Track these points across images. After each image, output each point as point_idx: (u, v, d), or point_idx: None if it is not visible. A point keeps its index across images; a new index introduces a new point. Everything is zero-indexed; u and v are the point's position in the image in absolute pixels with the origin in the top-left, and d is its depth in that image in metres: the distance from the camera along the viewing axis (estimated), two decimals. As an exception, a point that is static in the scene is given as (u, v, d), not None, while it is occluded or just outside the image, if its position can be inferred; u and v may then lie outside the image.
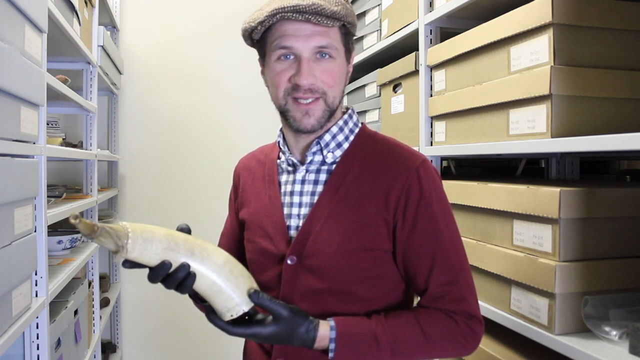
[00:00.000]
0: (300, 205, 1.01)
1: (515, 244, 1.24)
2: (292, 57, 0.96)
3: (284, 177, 1.06)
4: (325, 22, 0.93)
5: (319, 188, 1.01)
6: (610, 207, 1.14)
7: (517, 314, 1.23)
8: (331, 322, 0.93)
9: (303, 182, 1.03)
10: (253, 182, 1.11)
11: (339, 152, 1.03)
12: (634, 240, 1.17)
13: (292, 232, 1.01)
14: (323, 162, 1.03)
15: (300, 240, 0.98)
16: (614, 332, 1.05)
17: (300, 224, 1.00)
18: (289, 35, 0.95)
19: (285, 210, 1.02)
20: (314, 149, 1.02)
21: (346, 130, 1.04)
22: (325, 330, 0.91)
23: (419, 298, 1.02)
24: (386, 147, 1.03)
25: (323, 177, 1.02)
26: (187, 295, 0.94)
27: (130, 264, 0.85)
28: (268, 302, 0.89)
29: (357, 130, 1.06)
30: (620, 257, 1.16)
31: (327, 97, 0.97)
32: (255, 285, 0.92)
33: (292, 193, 1.03)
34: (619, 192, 1.15)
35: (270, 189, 1.06)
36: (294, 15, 0.92)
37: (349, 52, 1.01)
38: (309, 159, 1.02)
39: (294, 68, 0.96)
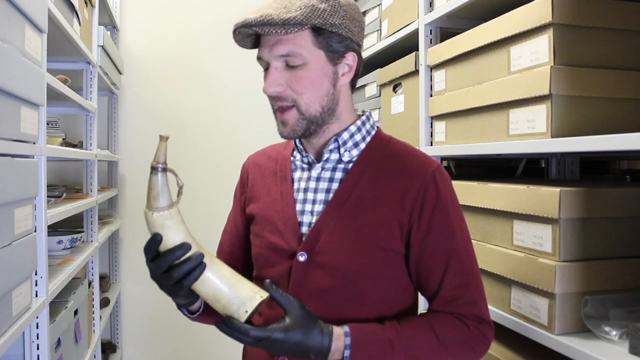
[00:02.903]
0: (314, 202, 1.02)
1: (515, 244, 1.24)
2: (267, 66, 0.98)
3: (297, 174, 1.06)
4: (277, 31, 0.91)
5: (334, 186, 1.01)
6: (610, 207, 1.15)
7: (517, 314, 1.23)
8: (345, 327, 0.92)
9: (318, 179, 1.03)
10: (263, 178, 1.11)
11: (355, 152, 1.03)
12: (634, 240, 1.17)
13: (304, 229, 1.00)
14: (339, 161, 1.03)
15: (313, 236, 0.98)
16: (614, 332, 1.05)
17: (313, 221, 1.00)
18: (261, 47, 0.98)
19: (298, 207, 1.03)
20: (332, 146, 1.02)
21: (363, 131, 1.05)
22: (339, 332, 0.91)
23: (428, 303, 1.03)
24: (402, 150, 1.04)
25: (339, 175, 1.02)
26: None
27: (161, 237, 0.85)
28: (279, 295, 0.89)
29: (373, 132, 1.07)
30: (620, 257, 1.16)
31: (299, 105, 0.97)
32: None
33: (306, 190, 1.03)
34: (619, 192, 1.15)
35: (282, 185, 1.06)
36: (244, 29, 0.94)
37: (333, 53, 0.97)
38: (325, 156, 1.03)
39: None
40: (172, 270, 0.86)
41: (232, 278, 0.89)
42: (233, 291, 0.88)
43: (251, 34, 0.98)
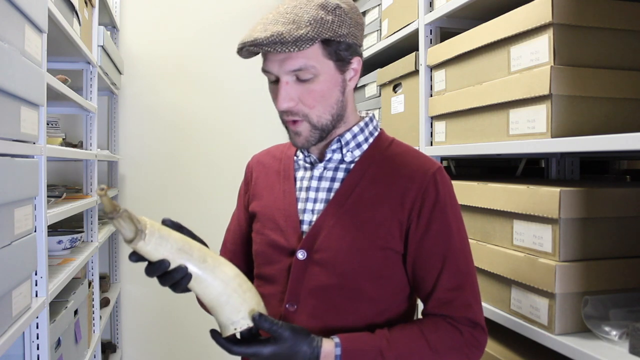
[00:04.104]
0: (315, 200, 1.02)
1: (515, 244, 1.24)
2: (275, 79, 0.97)
3: (300, 173, 1.07)
4: (290, 48, 0.90)
5: (336, 185, 1.02)
6: (610, 207, 1.14)
7: (517, 314, 1.23)
8: (335, 338, 0.92)
9: (320, 178, 1.03)
10: (266, 177, 1.11)
11: (357, 152, 1.04)
12: (634, 240, 1.17)
13: (305, 227, 1.01)
14: (341, 161, 1.04)
15: (313, 234, 0.99)
16: (614, 332, 1.05)
17: (314, 219, 1.00)
18: (267, 60, 0.96)
19: (300, 205, 1.03)
20: (334, 146, 1.03)
21: (366, 132, 1.05)
22: (329, 347, 0.91)
23: (422, 306, 1.03)
24: (404, 151, 1.05)
25: (340, 175, 1.03)
26: (187, 296, 0.94)
27: (137, 257, 0.85)
28: (269, 325, 0.87)
29: (376, 133, 1.07)
30: (620, 257, 1.16)
31: (310, 119, 0.97)
32: (261, 304, 0.92)
33: (308, 188, 1.04)
34: (619, 192, 1.15)
35: (285, 183, 1.07)
36: (254, 48, 0.93)
37: (341, 61, 0.97)
38: (328, 155, 1.03)
39: (276, 92, 0.97)
40: (160, 280, 0.87)
41: (219, 297, 0.87)
42: (214, 311, 0.89)
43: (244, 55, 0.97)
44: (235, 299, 0.88)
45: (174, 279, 0.85)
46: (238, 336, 0.90)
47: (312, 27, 0.91)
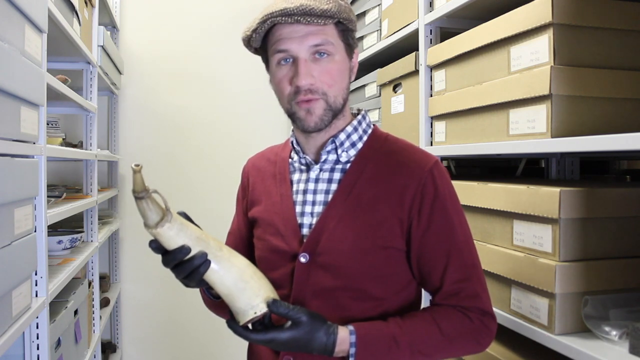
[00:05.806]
0: (313, 203, 1.02)
1: (515, 244, 1.24)
2: (290, 60, 0.98)
3: (296, 176, 1.07)
4: (316, 21, 0.93)
5: (333, 187, 1.02)
6: (610, 207, 1.14)
7: (517, 314, 1.23)
8: (350, 326, 0.93)
9: (317, 180, 1.03)
10: (263, 181, 1.11)
11: (353, 152, 1.04)
12: (634, 240, 1.17)
13: (305, 230, 1.01)
14: (337, 162, 1.04)
15: (314, 237, 0.99)
16: (614, 332, 1.05)
17: (314, 222, 1.01)
18: (285, 39, 0.96)
19: (298, 209, 1.03)
20: (329, 147, 1.03)
21: (360, 131, 1.05)
22: (344, 334, 0.92)
23: (430, 297, 1.03)
24: (399, 147, 1.05)
25: (337, 176, 1.03)
26: (187, 296, 0.94)
27: (156, 244, 0.87)
28: (286, 310, 0.89)
29: (369, 131, 1.07)
30: (620, 257, 1.16)
31: (327, 97, 0.98)
32: (275, 292, 0.93)
33: (305, 191, 1.04)
34: (619, 192, 1.15)
35: (281, 187, 1.07)
36: (283, 18, 0.94)
37: (349, 48, 1.02)
38: (323, 157, 1.03)
39: (293, 71, 0.97)
40: (177, 269, 0.88)
41: (237, 283, 0.89)
42: (232, 298, 0.89)
43: (270, 28, 0.98)
44: (253, 284, 0.90)
45: (194, 265, 0.86)
46: (250, 326, 0.91)
47: (333, 5, 0.95)
